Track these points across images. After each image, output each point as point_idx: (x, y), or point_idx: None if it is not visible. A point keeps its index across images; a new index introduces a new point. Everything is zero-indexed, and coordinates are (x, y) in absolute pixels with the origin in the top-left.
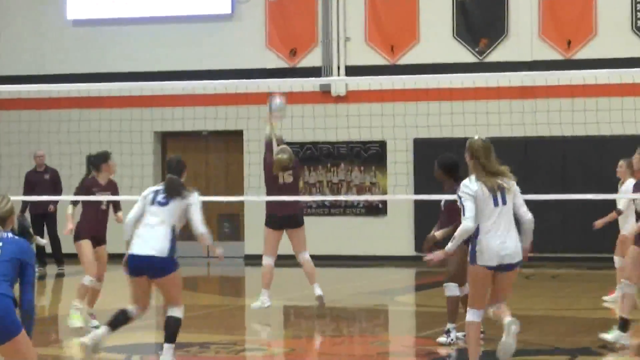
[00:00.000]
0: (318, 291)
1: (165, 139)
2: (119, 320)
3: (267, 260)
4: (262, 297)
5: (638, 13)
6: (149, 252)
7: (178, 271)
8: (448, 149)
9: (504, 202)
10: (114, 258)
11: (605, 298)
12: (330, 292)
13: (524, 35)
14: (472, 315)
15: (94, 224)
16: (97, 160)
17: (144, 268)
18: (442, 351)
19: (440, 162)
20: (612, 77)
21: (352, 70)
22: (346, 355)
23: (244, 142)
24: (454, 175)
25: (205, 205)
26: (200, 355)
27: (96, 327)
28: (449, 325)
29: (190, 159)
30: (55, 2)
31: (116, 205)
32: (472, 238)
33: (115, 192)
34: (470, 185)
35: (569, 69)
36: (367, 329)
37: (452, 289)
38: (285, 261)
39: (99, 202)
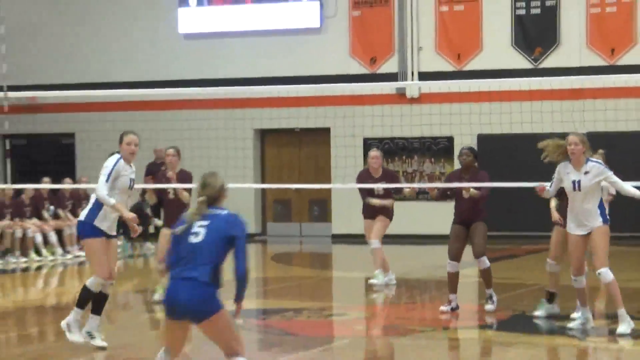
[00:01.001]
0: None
1: (264, 135)
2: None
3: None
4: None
5: None
6: None
7: None
8: (508, 143)
9: None
10: None
11: None
12: (406, 266)
13: (573, 44)
14: None
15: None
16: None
17: None
18: (500, 315)
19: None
20: None
21: (424, 76)
22: (418, 319)
23: (331, 138)
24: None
25: (299, 192)
26: (294, 319)
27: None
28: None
29: (285, 152)
30: (169, 18)
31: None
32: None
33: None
34: None
35: (612, 74)
36: (437, 297)
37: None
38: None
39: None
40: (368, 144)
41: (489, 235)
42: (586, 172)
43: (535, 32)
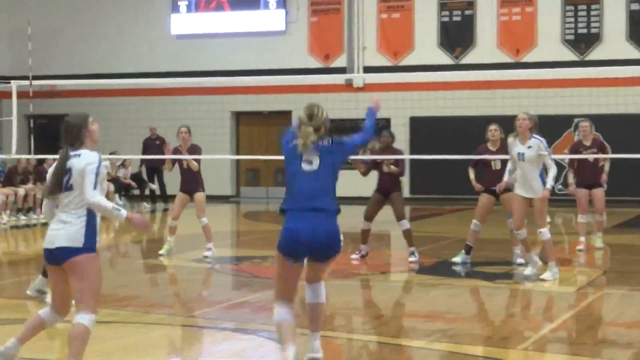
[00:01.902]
0: None
1: (239, 116)
2: None
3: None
4: None
5: (566, 30)
6: None
7: None
8: (434, 124)
9: None
10: None
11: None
12: (350, 223)
13: (486, 45)
14: None
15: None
16: None
17: None
18: (427, 262)
19: None
20: (548, 74)
21: (368, 69)
22: (361, 266)
23: (293, 119)
24: None
25: (266, 163)
26: (261, 264)
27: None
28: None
29: (256, 131)
30: (164, 22)
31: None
32: None
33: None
34: None
35: (518, 69)
36: (376, 248)
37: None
38: None
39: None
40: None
41: (421, 198)
42: (529, 147)
43: (456, 35)
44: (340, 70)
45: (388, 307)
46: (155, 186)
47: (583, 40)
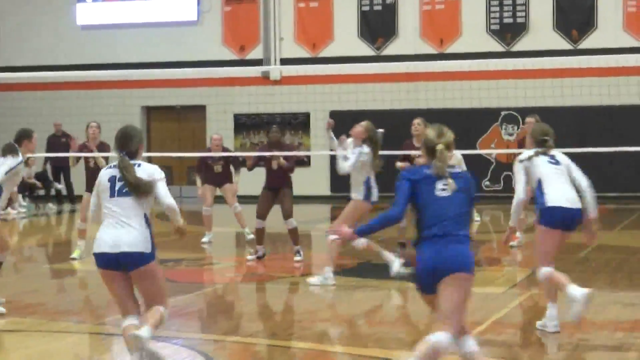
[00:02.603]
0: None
1: (149, 111)
2: None
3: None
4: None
5: (491, 19)
6: None
7: None
8: (356, 119)
9: None
10: None
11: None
12: (270, 221)
13: (409, 35)
14: None
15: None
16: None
17: None
18: (350, 264)
19: None
20: (473, 66)
21: (285, 61)
22: (279, 268)
23: (207, 114)
24: None
25: (179, 160)
26: (175, 268)
27: None
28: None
29: (167, 126)
30: (68, 12)
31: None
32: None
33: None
34: None
35: (441, 60)
36: (289, 250)
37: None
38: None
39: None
40: (237, 118)
41: (341, 196)
42: None
43: (378, 25)
44: (257, 63)
45: (311, 311)
46: (61, 186)
47: (509, 30)
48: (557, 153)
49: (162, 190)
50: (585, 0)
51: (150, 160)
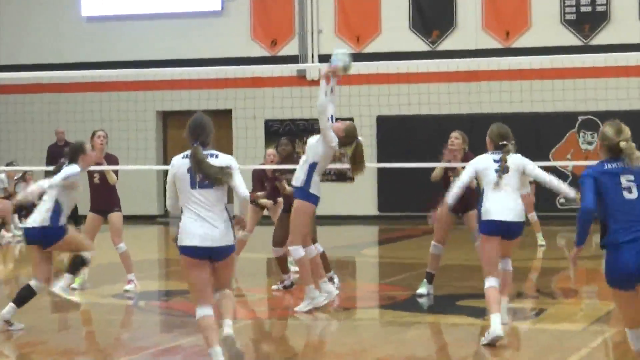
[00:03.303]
0: None
1: (166, 117)
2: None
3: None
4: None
5: (566, 8)
6: None
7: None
8: (407, 125)
9: None
10: None
11: None
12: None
13: (469, 27)
14: None
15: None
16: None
17: None
18: (402, 295)
19: None
20: (544, 63)
21: (324, 58)
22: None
23: (233, 120)
24: None
25: None
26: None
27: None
28: None
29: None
30: (72, 1)
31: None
32: None
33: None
34: None
35: (507, 56)
36: (339, 277)
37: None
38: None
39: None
40: (269, 125)
41: (390, 216)
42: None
43: (432, 16)
44: (291, 60)
45: (355, 352)
46: None
47: (587, 21)
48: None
49: (238, 180)
50: None
51: (165, 174)
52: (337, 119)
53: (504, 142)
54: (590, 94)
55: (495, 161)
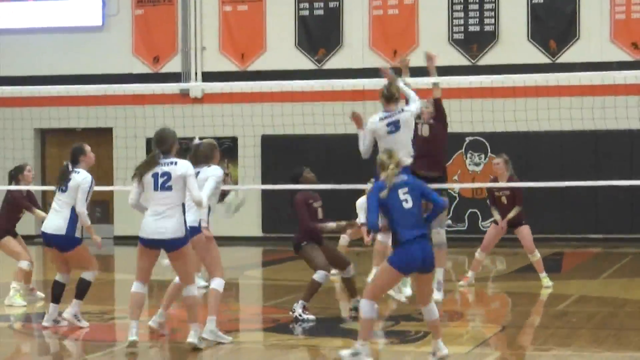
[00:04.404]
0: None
1: (45, 135)
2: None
3: None
4: None
5: (454, 27)
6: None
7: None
8: (292, 145)
9: None
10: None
11: (460, 283)
12: None
13: (356, 45)
14: None
15: (14, 222)
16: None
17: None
18: (284, 318)
19: None
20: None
21: (208, 76)
22: (201, 323)
23: (113, 138)
24: None
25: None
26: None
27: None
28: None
29: (67, 153)
30: None
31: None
32: None
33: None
34: None
35: None
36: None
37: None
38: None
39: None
40: (151, 144)
41: (274, 237)
42: None
43: (319, 34)
44: (174, 77)
45: None
46: None
47: (476, 40)
48: None
49: (191, 184)
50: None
51: (44, 194)
52: (220, 138)
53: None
54: (477, 116)
55: None
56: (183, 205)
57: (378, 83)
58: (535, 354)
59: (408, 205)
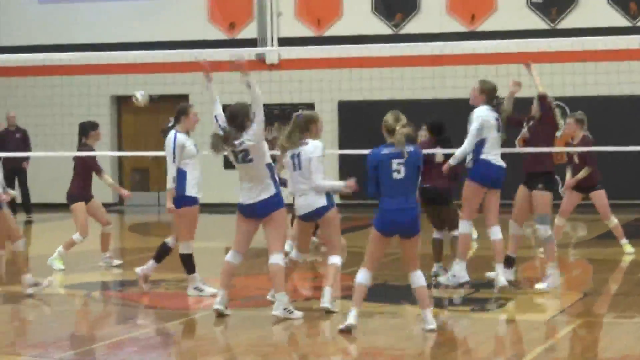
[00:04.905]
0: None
1: (120, 102)
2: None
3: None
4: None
5: None
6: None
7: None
8: (369, 110)
9: None
10: None
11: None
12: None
13: (433, 9)
14: None
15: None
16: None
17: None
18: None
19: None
20: (511, 47)
21: (284, 41)
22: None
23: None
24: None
25: (157, 161)
26: (152, 290)
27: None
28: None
29: (143, 120)
30: None
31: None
32: None
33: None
34: None
35: (472, 40)
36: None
37: None
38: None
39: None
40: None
41: (352, 204)
42: None
43: None
44: (250, 43)
45: (313, 345)
46: (15, 192)
47: (555, 4)
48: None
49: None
50: None
51: (120, 160)
52: (296, 105)
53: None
54: (557, 79)
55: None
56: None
57: (456, 47)
58: (616, 321)
59: (399, 176)
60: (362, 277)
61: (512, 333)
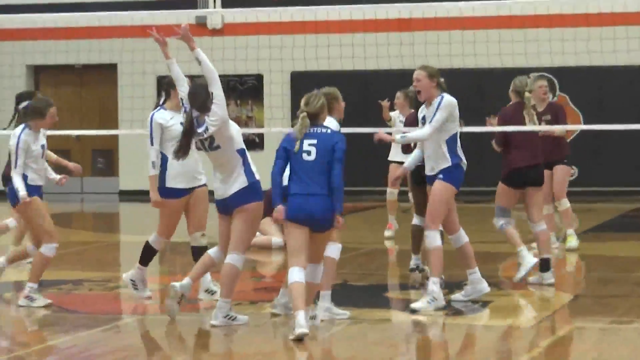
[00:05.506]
0: None
1: (38, 72)
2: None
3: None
4: None
5: None
6: None
7: None
8: (327, 83)
9: None
10: None
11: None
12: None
13: None
14: None
15: None
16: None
17: None
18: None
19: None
20: (489, 9)
21: (229, 3)
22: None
23: (118, 76)
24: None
25: (80, 141)
26: (73, 292)
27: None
28: None
29: (64, 93)
30: None
31: None
32: None
33: None
34: None
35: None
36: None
37: None
38: None
39: None
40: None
41: None
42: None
43: None
44: (189, 4)
45: (262, 353)
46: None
47: None
48: None
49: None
50: None
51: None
52: (242, 76)
53: None
54: (544, 47)
55: None
56: None
57: (428, 9)
58: (612, 327)
59: (309, 157)
60: (296, 275)
61: (492, 341)
